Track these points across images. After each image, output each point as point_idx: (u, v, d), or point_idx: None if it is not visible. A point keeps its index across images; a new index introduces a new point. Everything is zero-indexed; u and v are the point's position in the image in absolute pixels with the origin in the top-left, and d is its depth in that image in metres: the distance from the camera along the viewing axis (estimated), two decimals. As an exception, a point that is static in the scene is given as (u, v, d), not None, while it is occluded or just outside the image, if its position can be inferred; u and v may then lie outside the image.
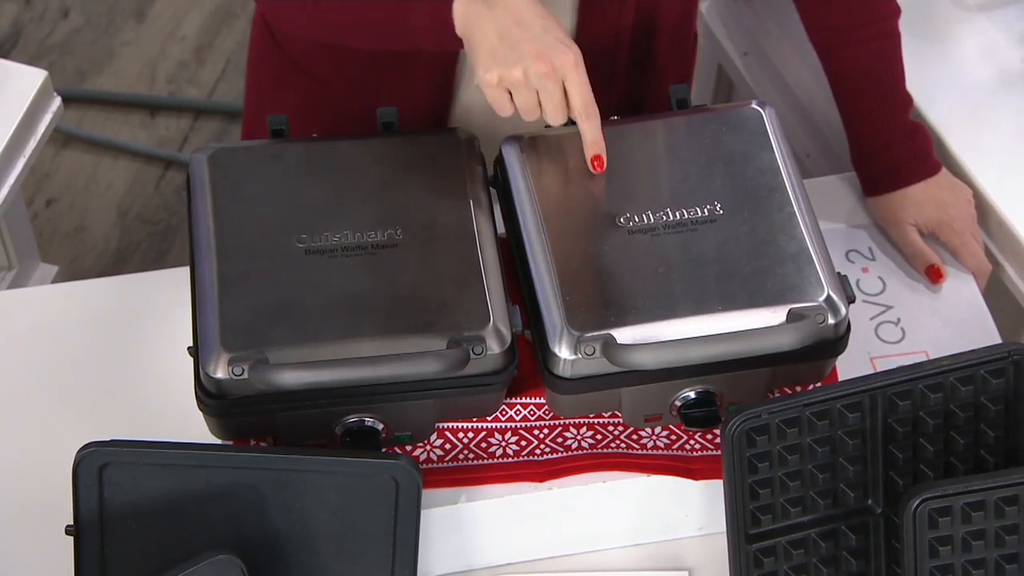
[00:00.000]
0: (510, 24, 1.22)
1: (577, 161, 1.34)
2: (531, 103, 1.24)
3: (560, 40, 1.22)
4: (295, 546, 1.20)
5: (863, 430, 1.22)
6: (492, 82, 1.23)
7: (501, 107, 1.25)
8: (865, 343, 1.41)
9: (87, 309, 1.42)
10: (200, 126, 2.60)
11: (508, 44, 1.22)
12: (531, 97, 1.23)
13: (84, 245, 2.43)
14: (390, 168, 1.33)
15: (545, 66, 1.21)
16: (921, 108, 1.56)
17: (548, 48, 1.22)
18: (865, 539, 1.25)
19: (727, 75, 1.99)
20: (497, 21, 1.22)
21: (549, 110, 1.24)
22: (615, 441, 1.31)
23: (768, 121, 1.36)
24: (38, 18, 2.71)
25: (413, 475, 1.19)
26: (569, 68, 1.22)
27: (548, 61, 1.21)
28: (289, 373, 1.18)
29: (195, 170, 1.32)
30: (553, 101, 1.23)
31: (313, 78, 1.47)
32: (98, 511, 1.18)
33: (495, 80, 1.22)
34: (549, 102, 1.24)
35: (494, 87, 1.23)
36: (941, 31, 1.65)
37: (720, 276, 1.25)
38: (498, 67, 1.22)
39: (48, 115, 1.64)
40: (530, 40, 1.22)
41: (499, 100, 1.24)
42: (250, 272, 1.25)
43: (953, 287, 1.47)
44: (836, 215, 1.53)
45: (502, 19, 1.22)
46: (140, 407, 1.35)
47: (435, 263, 1.26)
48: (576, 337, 1.22)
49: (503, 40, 1.22)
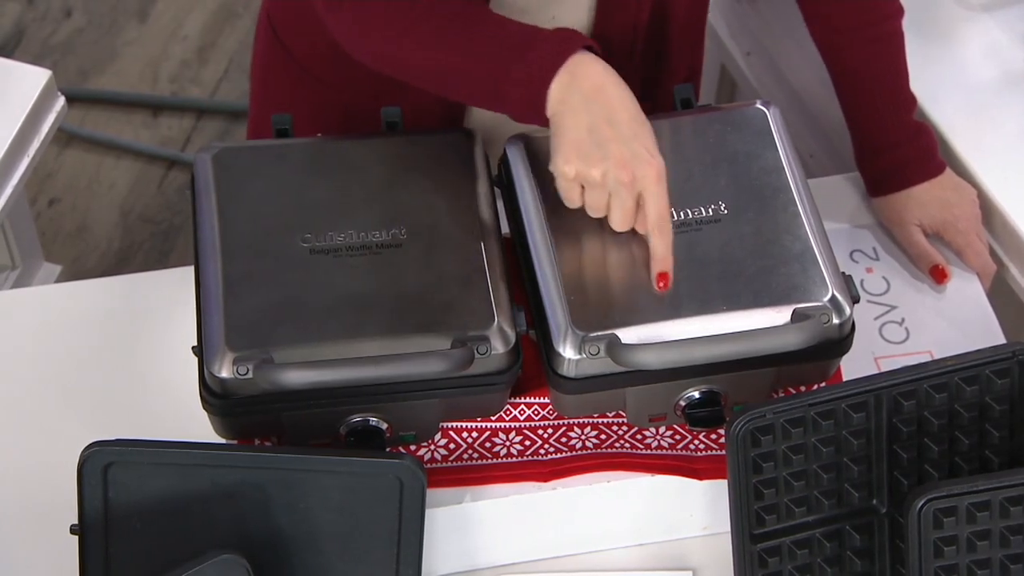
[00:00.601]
0: (601, 121, 1.19)
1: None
2: (600, 204, 1.22)
3: (647, 149, 1.19)
4: (299, 546, 1.20)
5: (868, 430, 1.22)
6: (568, 175, 1.21)
7: (570, 199, 1.23)
8: (869, 343, 1.41)
9: (91, 309, 1.42)
10: (203, 126, 2.61)
11: (595, 141, 1.19)
12: (602, 198, 1.21)
13: (86, 245, 2.44)
14: (394, 168, 1.33)
15: (627, 175, 1.19)
16: (925, 108, 1.56)
17: (634, 156, 1.19)
18: (869, 539, 1.25)
19: (730, 75, 1.99)
20: (591, 115, 1.19)
21: (616, 217, 1.22)
22: (619, 441, 1.31)
23: (772, 121, 1.36)
24: (41, 18, 2.71)
25: (418, 475, 1.19)
26: (651, 181, 1.20)
27: (631, 170, 1.19)
28: (294, 373, 1.18)
29: (200, 169, 1.32)
30: (624, 210, 1.21)
31: (319, 80, 1.47)
32: (103, 510, 1.18)
33: (572, 173, 1.20)
34: (619, 210, 1.21)
35: (569, 179, 1.21)
36: (945, 31, 1.65)
37: (724, 276, 1.25)
38: (579, 162, 1.19)
39: (52, 115, 1.64)
40: (618, 142, 1.19)
41: (570, 192, 1.22)
42: (255, 272, 1.25)
43: (957, 287, 1.47)
44: (840, 215, 1.53)
45: (596, 113, 1.19)
46: (144, 407, 1.35)
47: (439, 263, 1.26)
48: (580, 337, 1.22)
49: (591, 135, 1.19)
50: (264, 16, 1.52)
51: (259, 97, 1.56)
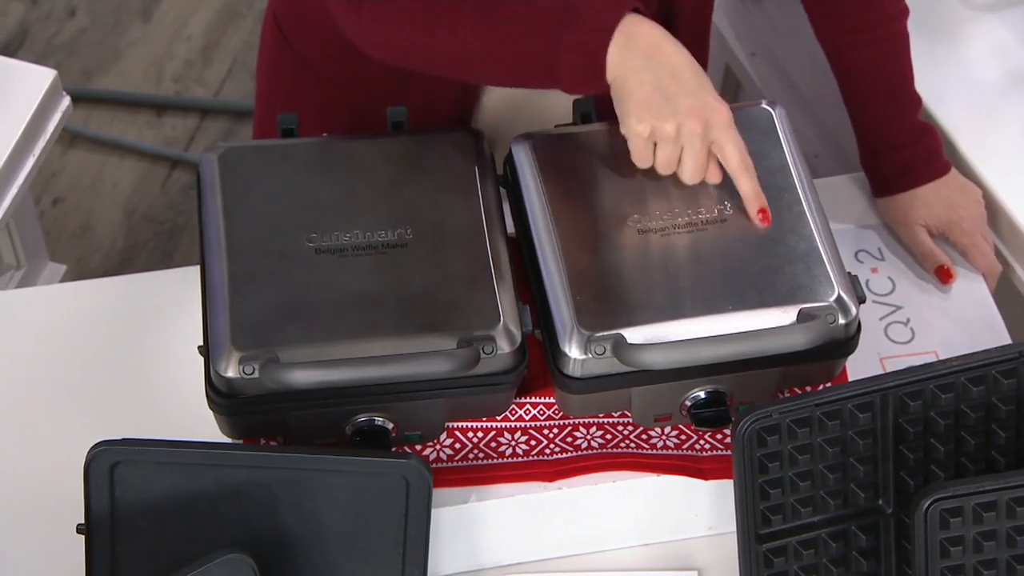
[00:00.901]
0: (666, 76, 1.21)
1: (587, 160, 1.34)
2: (672, 158, 1.23)
3: (714, 97, 1.21)
4: (306, 545, 1.20)
5: (874, 430, 1.22)
6: (643, 133, 1.21)
7: (643, 158, 1.24)
8: (874, 343, 1.41)
9: (96, 308, 1.42)
10: (206, 126, 2.61)
11: (664, 96, 1.20)
12: (675, 152, 1.23)
13: (90, 244, 2.44)
14: (400, 167, 1.33)
15: (700, 124, 1.20)
16: (930, 108, 1.56)
17: (703, 105, 1.21)
18: (875, 539, 1.25)
19: (735, 75, 1.99)
20: (654, 73, 1.20)
21: (689, 169, 1.24)
22: (625, 441, 1.31)
23: (778, 121, 1.36)
24: (44, 18, 2.71)
25: (424, 475, 1.19)
26: (723, 127, 1.22)
27: (703, 119, 1.20)
28: (300, 372, 1.18)
29: (205, 169, 1.32)
30: (697, 160, 1.23)
31: (328, 80, 1.47)
32: (109, 510, 1.18)
33: (647, 132, 1.21)
34: (691, 161, 1.23)
35: (644, 138, 1.22)
36: (950, 31, 1.65)
37: (730, 276, 1.25)
38: (652, 119, 1.20)
39: (57, 114, 1.64)
40: (686, 95, 1.20)
41: (643, 151, 1.23)
42: (261, 271, 1.25)
43: (963, 288, 1.47)
44: (845, 215, 1.53)
45: (659, 71, 1.21)
46: (150, 406, 1.35)
47: (445, 262, 1.26)
48: (586, 337, 1.22)
49: (659, 92, 1.20)
50: (270, 15, 1.53)
51: (265, 96, 1.56)
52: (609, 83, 1.22)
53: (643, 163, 1.24)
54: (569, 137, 1.35)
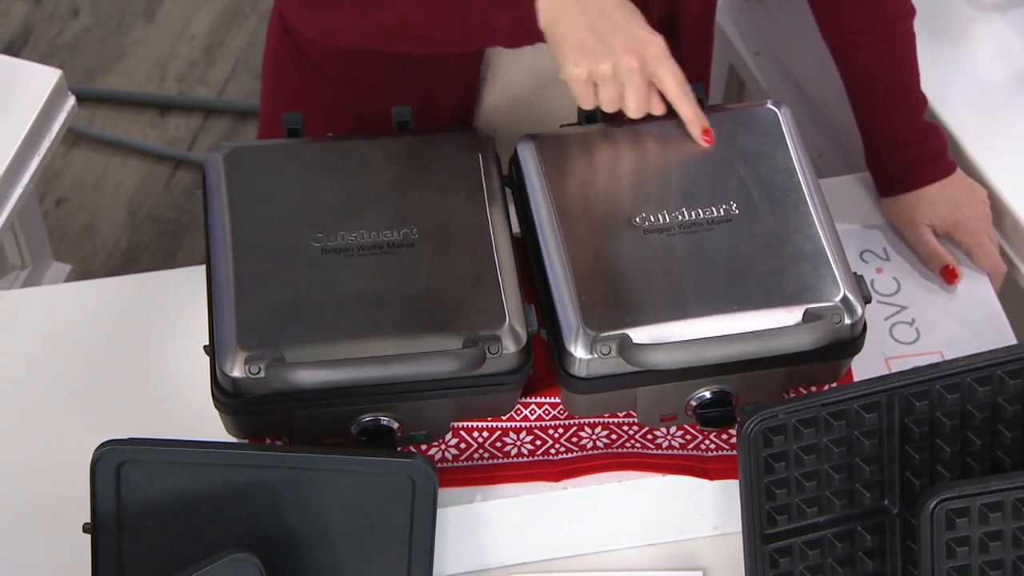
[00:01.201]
0: (597, 16, 1.22)
1: (592, 160, 1.34)
2: (615, 96, 1.24)
3: (646, 30, 1.22)
4: (312, 545, 1.20)
5: (880, 430, 1.22)
6: (582, 77, 1.22)
7: (585, 100, 1.25)
8: (880, 343, 1.41)
9: (101, 308, 1.42)
10: (210, 125, 2.61)
11: (597, 37, 1.21)
12: (616, 90, 1.23)
13: (94, 244, 2.44)
14: (405, 167, 1.33)
15: (636, 60, 1.21)
16: (935, 108, 1.56)
17: (636, 41, 1.22)
18: (881, 540, 1.25)
19: (739, 75, 1.99)
20: (584, 14, 1.22)
21: (632, 104, 1.24)
22: (630, 441, 1.31)
23: (784, 121, 1.36)
24: (48, 17, 2.71)
25: (429, 474, 1.19)
26: (659, 59, 1.23)
27: (638, 54, 1.21)
28: (306, 372, 1.18)
29: (211, 169, 1.32)
30: (639, 95, 1.24)
31: (332, 79, 1.47)
32: (115, 509, 1.18)
33: (584, 75, 1.22)
34: (634, 96, 1.24)
35: (582, 81, 1.23)
36: (955, 31, 1.65)
37: (736, 276, 1.25)
38: (588, 61, 1.22)
39: (63, 114, 1.64)
40: (617, 32, 1.21)
41: (585, 94, 1.24)
42: (266, 271, 1.25)
43: (968, 288, 1.47)
44: (850, 215, 1.53)
45: (589, 11, 1.22)
46: (155, 406, 1.35)
47: (451, 262, 1.26)
48: (592, 337, 1.22)
49: (591, 33, 1.21)
50: (276, 15, 1.53)
51: (270, 95, 1.56)
52: (542, 31, 1.23)
53: (587, 105, 1.25)
54: (574, 137, 1.35)
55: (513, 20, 1.24)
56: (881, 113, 1.47)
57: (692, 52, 1.48)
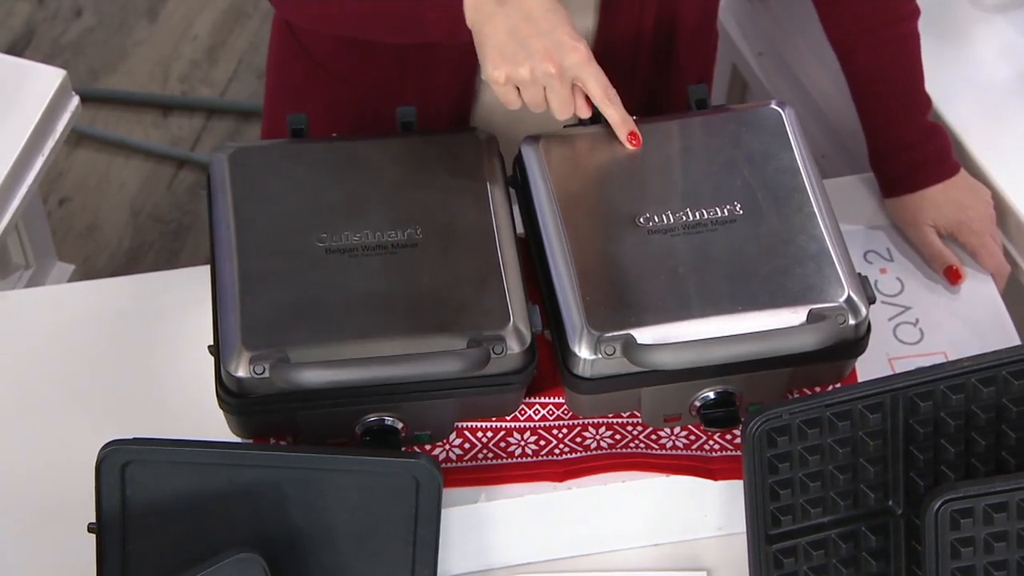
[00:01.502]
0: (519, 20, 1.22)
1: (596, 161, 1.34)
2: (538, 99, 1.25)
3: (569, 36, 1.23)
4: (316, 544, 1.20)
5: (884, 431, 1.22)
6: (500, 80, 1.23)
7: (509, 102, 1.26)
8: (883, 344, 1.41)
9: (105, 308, 1.43)
10: (212, 126, 2.61)
11: (517, 41, 1.22)
12: (538, 93, 1.24)
13: (97, 244, 2.44)
14: (410, 168, 1.33)
15: (553, 66, 1.22)
16: (939, 109, 1.56)
17: (557, 47, 1.22)
18: (885, 540, 1.25)
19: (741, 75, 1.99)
20: (508, 17, 1.23)
21: (555, 107, 1.25)
22: (634, 441, 1.31)
23: (788, 121, 1.36)
24: (51, 17, 2.72)
25: (434, 474, 1.19)
26: (580, 66, 1.23)
27: (556, 61, 1.22)
28: (310, 372, 1.18)
29: (215, 169, 1.32)
30: (559, 99, 1.25)
31: (335, 77, 1.48)
32: (120, 509, 1.18)
33: (503, 78, 1.23)
34: (555, 100, 1.25)
35: (501, 84, 1.24)
36: (959, 32, 1.65)
37: (740, 276, 1.25)
38: (506, 65, 1.23)
39: (66, 114, 1.64)
40: (538, 36, 1.22)
41: (507, 96, 1.25)
42: (271, 271, 1.25)
43: (972, 288, 1.47)
44: (854, 216, 1.52)
45: (512, 15, 1.23)
46: (159, 406, 1.35)
47: (455, 263, 1.26)
48: (596, 337, 1.22)
49: (512, 36, 1.22)
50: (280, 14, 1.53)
51: (274, 93, 1.56)
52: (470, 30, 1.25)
53: (512, 106, 1.26)
54: (578, 137, 1.35)
55: (443, 19, 1.26)
56: (885, 114, 1.47)
57: (693, 53, 1.48)
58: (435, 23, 1.27)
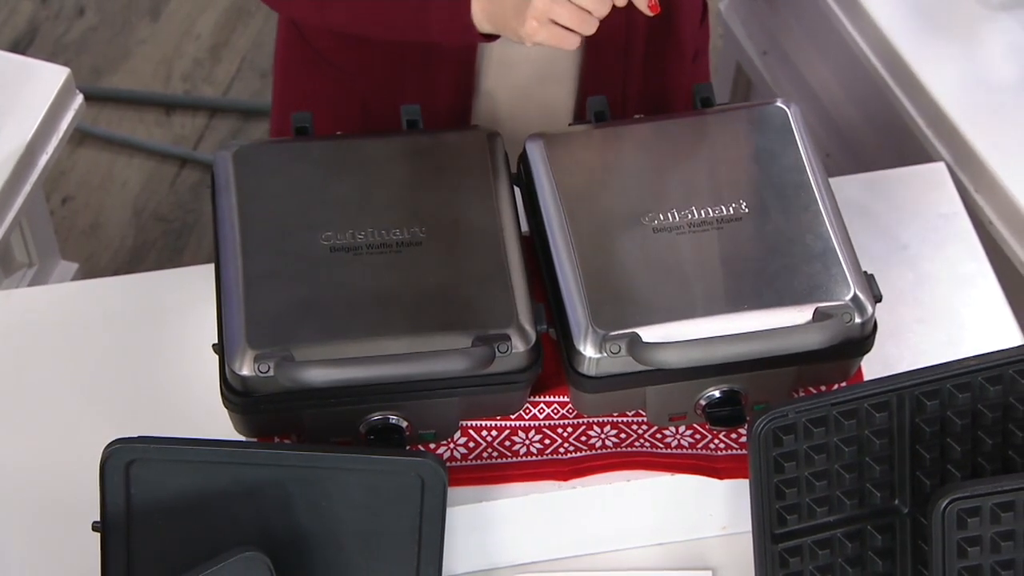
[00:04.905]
0: None
1: (601, 159, 1.34)
2: (576, 16, 1.23)
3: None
4: (321, 543, 1.20)
5: (890, 430, 1.22)
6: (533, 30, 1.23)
7: (561, 41, 1.24)
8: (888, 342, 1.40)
9: (109, 306, 1.42)
10: (215, 124, 2.60)
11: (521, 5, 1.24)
12: (574, 11, 1.22)
13: (99, 243, 2.44)
14: (414, 166, 1.33)
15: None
16: (945, 107, 1.56)
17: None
18: (891, 539, 1.25)
19: (745, 73, 1.99)
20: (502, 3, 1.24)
21: (592, 5, 1.23)
22: (639, 440, 1.31)
23: (793, 120, 1.35)
24: (54, 16, 2.71)
25: (439, 473, 1.18)
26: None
27: None
28: (315, 370, 1.18)
29: (220, 168, 1.32)
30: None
31: (340, 70, 1.48)
32: (125, 508, 1.18)
33: (535, 27, 1.22)
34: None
35: (538, 31, 1.23)
36: (965, 30, 1.64)
37: (746, 275, 1.25)
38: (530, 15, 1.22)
39: (70, 112, 1.64)
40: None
41: (554, 37, 1.24)
42: (275, 270, 1.25)
43: (975, 287, 1.46)
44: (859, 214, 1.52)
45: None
46: (163, 404, 1.34)
47: (459, 261, 1.26)
48: (601, 335, 1.22)
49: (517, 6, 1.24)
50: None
51: (281, 89, 1.56)
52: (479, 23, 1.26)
53: (570, 44, 1.24)
54: (583, 136, 1.35)
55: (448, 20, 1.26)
56: None
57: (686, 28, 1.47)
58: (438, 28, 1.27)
